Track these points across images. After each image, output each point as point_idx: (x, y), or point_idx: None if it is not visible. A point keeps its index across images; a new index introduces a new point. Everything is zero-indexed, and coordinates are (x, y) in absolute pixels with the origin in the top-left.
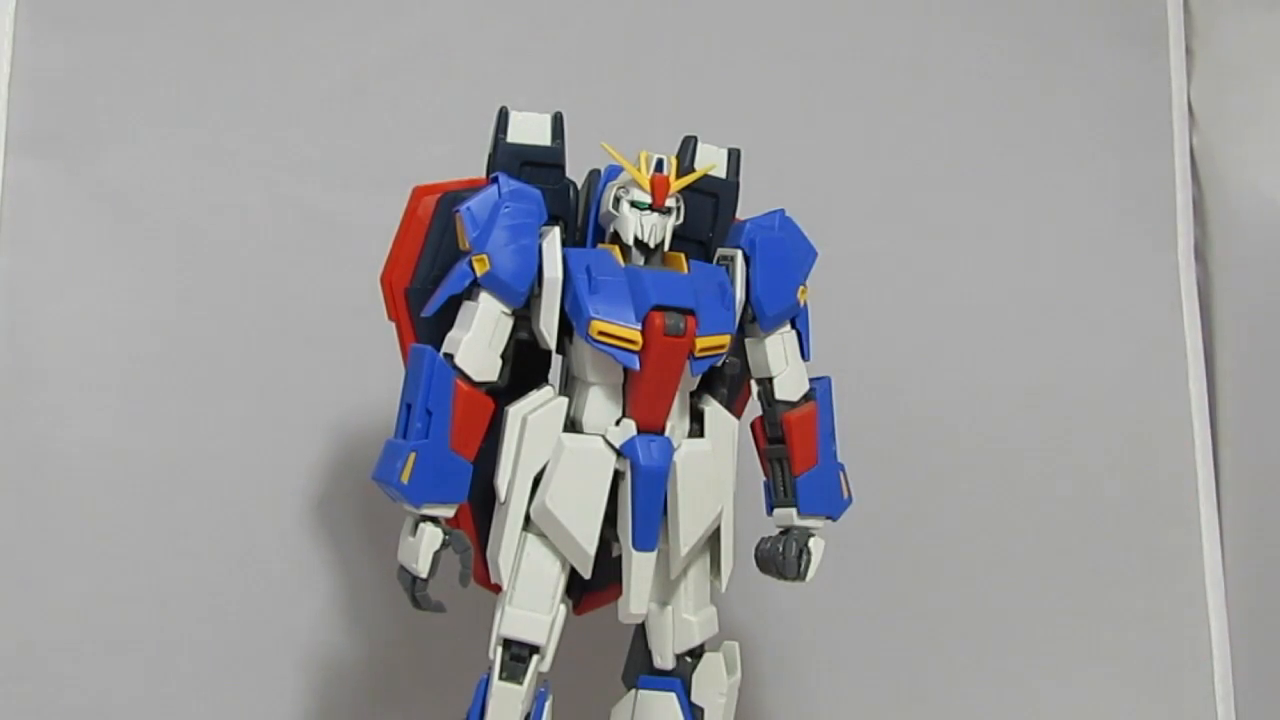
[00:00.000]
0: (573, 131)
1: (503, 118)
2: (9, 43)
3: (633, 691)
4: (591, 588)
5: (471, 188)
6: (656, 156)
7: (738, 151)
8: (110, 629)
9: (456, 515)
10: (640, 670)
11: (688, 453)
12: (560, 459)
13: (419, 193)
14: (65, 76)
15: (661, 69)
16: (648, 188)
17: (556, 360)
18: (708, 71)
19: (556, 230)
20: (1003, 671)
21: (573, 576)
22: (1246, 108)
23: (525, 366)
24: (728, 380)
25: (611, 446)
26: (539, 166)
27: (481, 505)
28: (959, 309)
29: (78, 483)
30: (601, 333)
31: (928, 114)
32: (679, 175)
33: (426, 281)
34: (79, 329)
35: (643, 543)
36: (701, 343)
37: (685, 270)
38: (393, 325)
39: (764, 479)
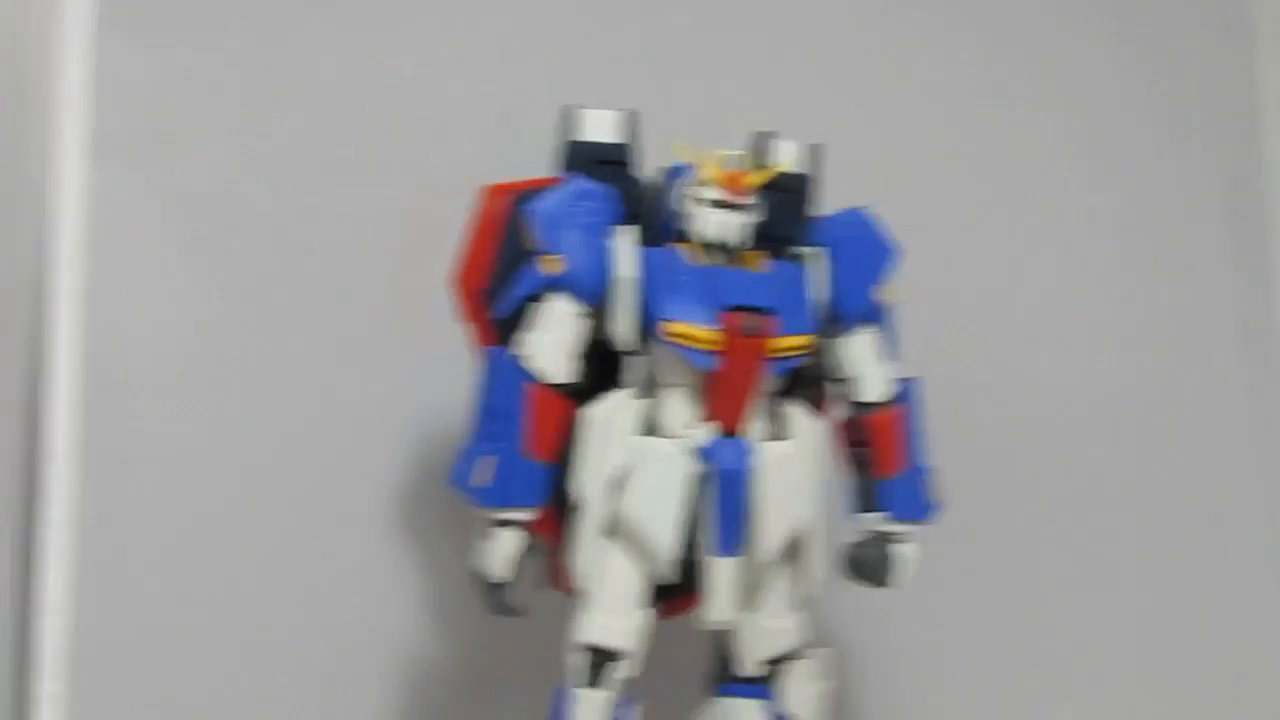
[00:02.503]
0: (647, 128)
1: (573, 116)
2: (92, 52)
3: (715, 700)
4: (681, 592)
5: (542, 187)
6: (730, 153)
7: (818, 146)
8: (195, 629)
9: (541, 518)
10: (724, 678)
11: (770, 455)
12: (639, 463)
13: (489, 192)
14: (144, 84)
15: (739, 62)
16: (724, 185)
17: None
18: (788, 63)
19: (629, 229)
20: (1100, 681)
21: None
22: None
23: (609, 367)
24: (811, 382)
25: (691, 450)
26: (610, 165)
27: (560, 509)
28: (1049, 306)
29: (160, 486)
30: (676, 333)
31: (1010, 107)
32: (755, 172)
33: (499, 282)
34: (160, 333)
35: (724, 548)
36: (780, 343)
37: (762, 269)
38: (468, 327)
39: (849, 482)
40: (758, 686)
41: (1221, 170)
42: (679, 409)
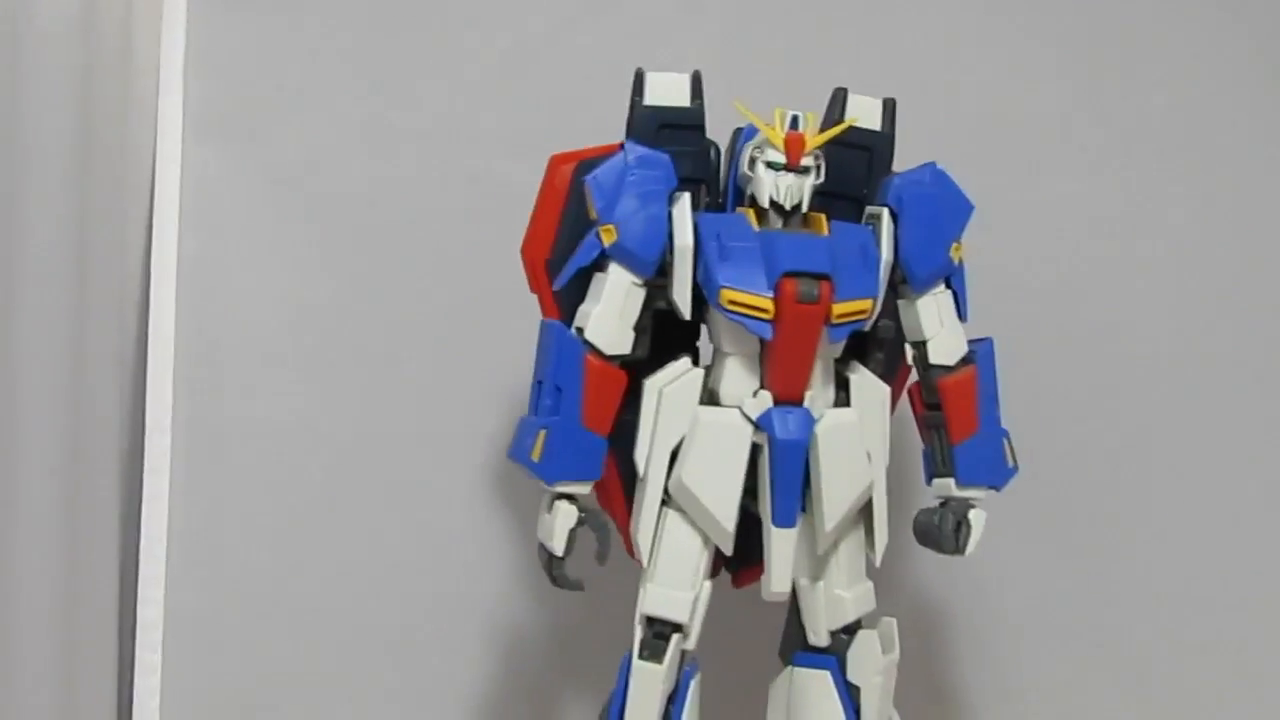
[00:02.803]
0: (721, 91)
1: (639, 80)
2: (184, 28)
3: (788, 669)
4: (750, 561)
5: (605, 155)
6: (792, 113)
7: (893, 101)
8: (293, 602)
9: (605, 491)
10: (795, 647)
11: (831, 424)
12: (696, 433)
13: (555, 161)
14: (236, 60)
15: (816, 19)
16: (782, 147)
17: (703, 331)
18: (866, 18)
19: (687, 196)
20: (1212, 636)
21: (736, 552)
22: None
23: (670, 337)
24: (884, 345)
25: (749, 419)
26: (678, 129)
27: (630, 481)
28: (1147, 261)
29: (259, 459)
30: (732, 301)
31: (1097, 63)
32: (821, 132)
33: (565, 253)
34: (258, 308)
35: (782, 519)
36: (839, 309)
37: (826, 233)
38: (535, 300)
39: (923, 447)
40: (827, 656)
41: None
42: (739, 378)
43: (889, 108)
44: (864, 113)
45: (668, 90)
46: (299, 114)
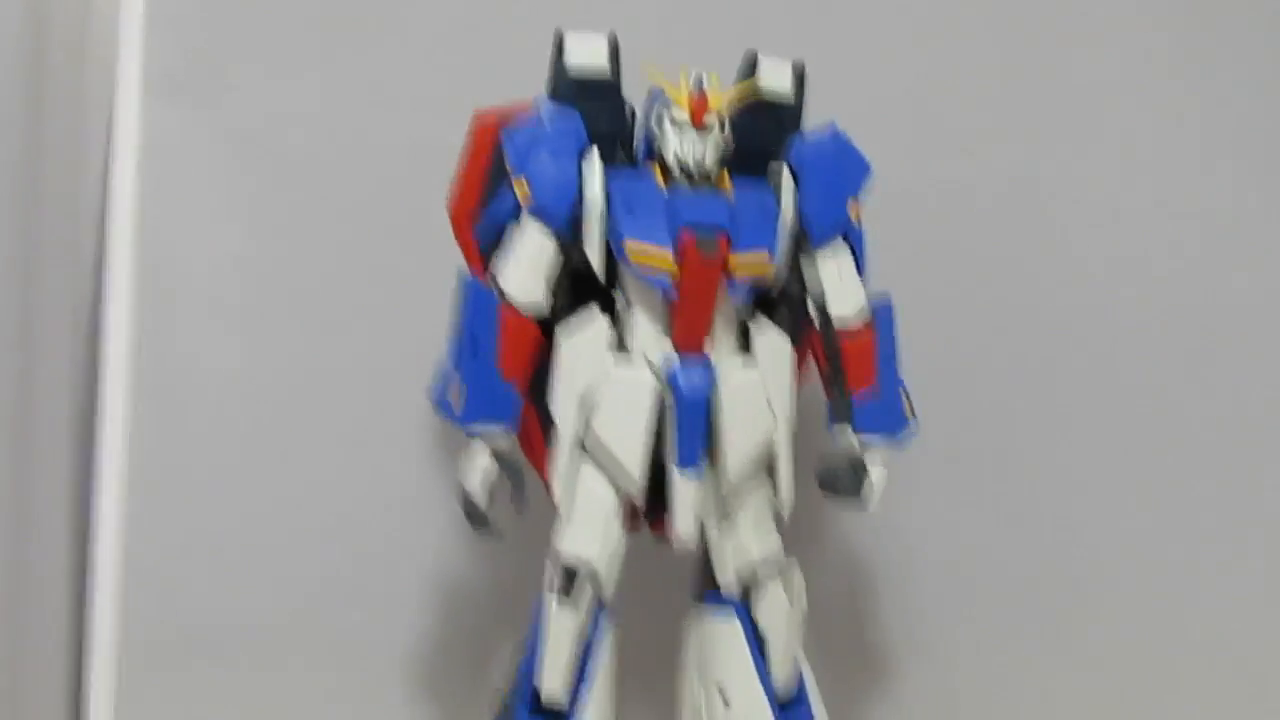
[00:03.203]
0: (638, 51)
1: (559, 41)
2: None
3: (698, 608)
4: (665, 509)
5: (521, 113)
6: (697, 73)
7: (801, 65)
8: (243, 547)
9: (529, 443)
10: (705, 592)
11: (732, 376)
12: (606, 389)
13: (478, 118)
14: (196, 20)
15: None
16: (686, 106)
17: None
18: None
19: (595, 151)
20: (1129, 593)
21: (651, 501)
22: None
23: (588, 292)
24: (791, 306)
25: (654, 372)
26: (595, 90)
27: (547, 432)
28: (1083, 246)
29: (212, 408)
30: (635, 253)
31: (1045, 22)
32: (725, 93)
33: (487, 206)
34: (211, 262)
35: (685, 460)
36: (738, 262)
37: (728, 191)
38: (460, 256)
39: (825, 403)
40: (735, 603)
41: None
42: (645, 328)
43: (799, 73)
44: (774, 77)
45: (586, 51)
46: (252, 78)
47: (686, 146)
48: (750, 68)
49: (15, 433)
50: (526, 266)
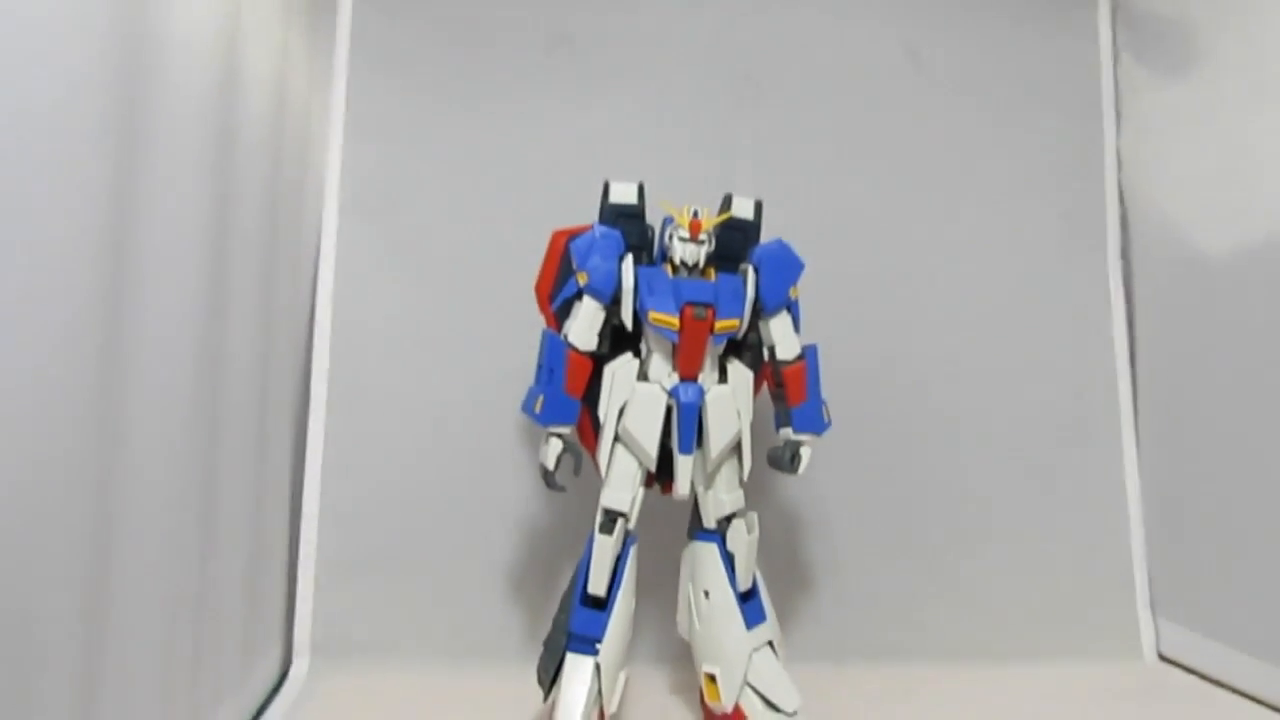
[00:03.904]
0: (656, 192)
1: (606, 187)
2: (339, 148)
3: (692, 542)
4: (670, 478)
5: (583, 230)
6: (693, 207)
7: (759, 202)
8: (402, 501)
9: (584, 433)
10: (696, 529)
11: (714, 394)
12: (634, 399)
13: (555, 235)
14: (376, 163)
15: (715, 150)
16: (687, 227)
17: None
18: (747, 149)
19: (630, 256)
20: (961, 548)
21: (661, 471)
22: (1157, 153)
23: (624, 340)
24: (750, 349)
25: (665, 390)
26: (629, 216)
27: (597, 427)
28: (937, 303)
29: (382, 413)
30: (654, 318)
31: (910, 167)
32: (712, 218)
33: (559, 289)
34: (385, 320)
35: (684, 448)
36: (719, 324)
37: (713, 279)
38: (542, 318)
39: (774, 411)
40: (714, 535)
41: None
42: (659, 364)
43: (758, 205)
44: (742, 208)
45: (622, 193)
46: (414, 201)
47: (687, 251)
48: (727, 202)
49: (259, 429)
50: (584, 325)
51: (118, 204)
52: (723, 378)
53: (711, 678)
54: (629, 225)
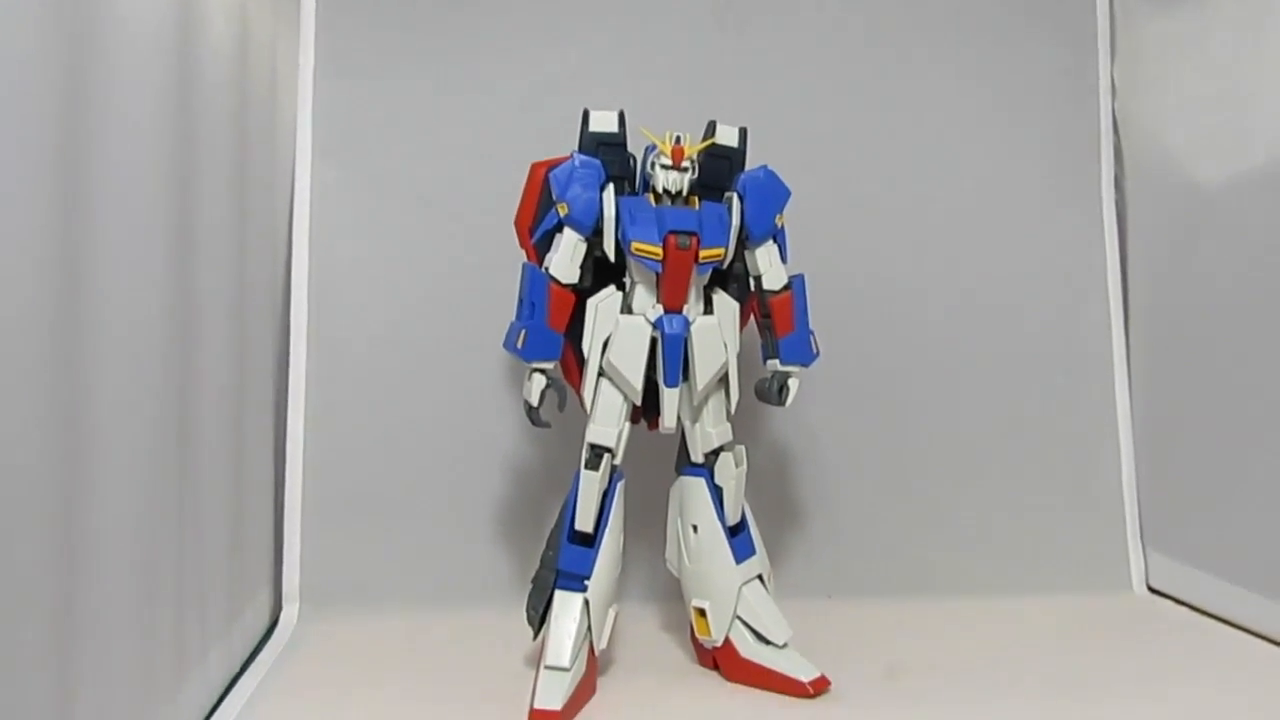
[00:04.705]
0: (638, 121)
1: (585, 114)
2: (310, 89)
3: (680, 477)
4: (656, 413)
5: (562, 161)
6: (676, 134)
7: (744, 129)
8: (386, 439)
9: (568, 368)
10: (684, 463)
11: (700, 325)
12: (618, 332)
13: (534, 166)
14: (349, 105)
15: (698, 78)
16: (669, 154)
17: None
18: (730, 76)
19: (612, 186)
20: (953, 478)
21: (648, 405)
22: (1152, 81)
23: (607, 273)
24: (736, 280)
25: (649, 322)
26: (610, 145)
27: (581, 362)
28: (928, 233)
29: (363, 348)
30: (637, 248)
31: (900, 94)
32: (695, 145)
33: (539, 221)
34: (361, 256)
35: (670, 381)
36: (703, 253)
37: (697, 208)
38: (523, 252)
39: (760, 342)
40: (702, 469)
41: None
42: (643, 296)
43: (743, 132)
44: (726, 135)
45: (602, 121)
46: (389, 144)
47: (670, 179)
48: (710, 129)
49: (237, 375)
50: (566, 257)
51: (72, 146)
52: (708, 309)
53: (701, 612)
54: (610, 154)
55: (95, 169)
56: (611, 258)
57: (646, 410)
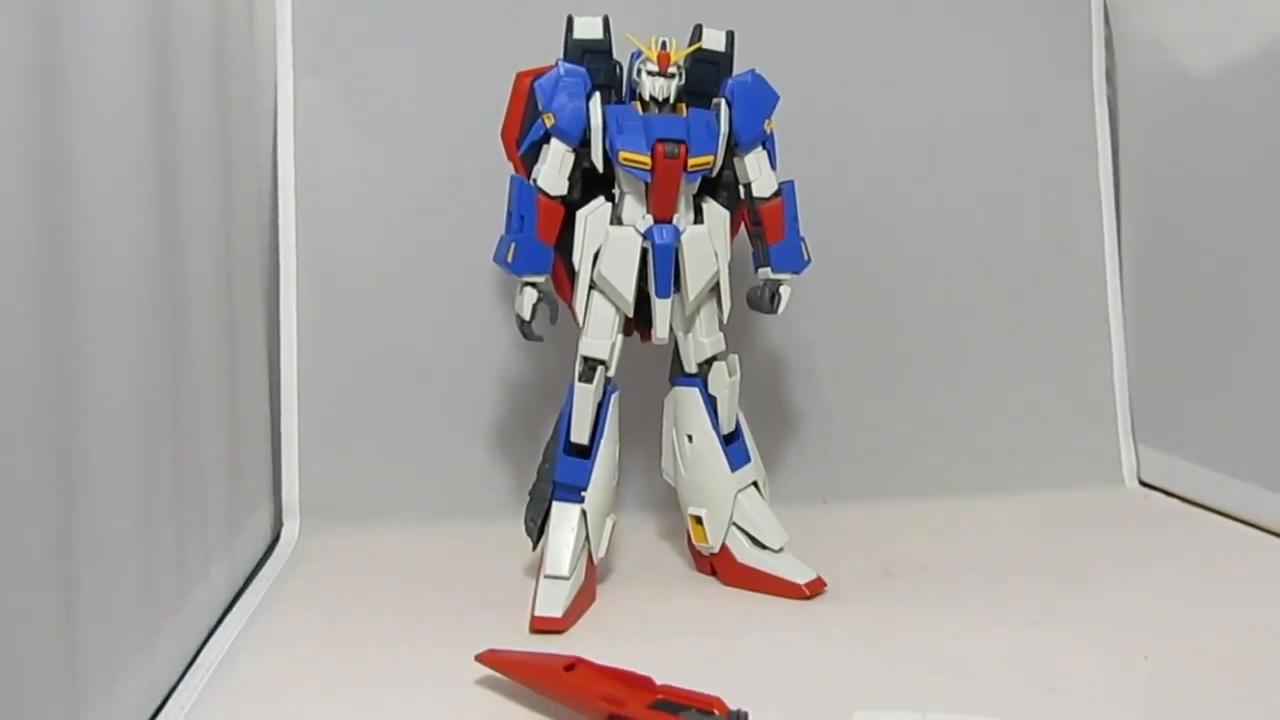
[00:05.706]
0: (623, 27)
1: (570, 21)
2: (289, 1)
3: (674, 388)
4: (649, 324)
5: (548, 70)
6: (662, 39)
7: (731, 32)
8: (379, 360)
9: (555, 282)
10: (677, 373)
11: (690, 234)
12: (608, 243)
13: (519, 75)
14: (328, 17)
15: None
16: (656, 60)
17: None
18: None
19: (598, 94)
20: (947, 378)
21: (640, 317)
22: None
23: (596, 185)
24: (726, 188)
25: (639, 233)
26: (595, 53)
27: (572, 275)
28: (918, 131)
29: (352, 274)
30: (625, 157)
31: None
32: (680, 50)
33: (526, 132)
34: (347, 177)
35: (662, 292)
36: (692, 161)
37: (685, 115)
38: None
39: (751, 250)
40: (696, 378)
41: None
42: (633, 207)
43: (730, 36)
44: (713, 39)
45: (587, 28)
46: (368, 58)
47: (656, 86)
48: (697, 33)
49: (226, 297)
50: (553, 168)
51: (45, 65)
52: (698, 218)
53: (698, 520)
54: (595, 62)
55: (72, 85)
56: (600, 168)
57: (639, 322)
